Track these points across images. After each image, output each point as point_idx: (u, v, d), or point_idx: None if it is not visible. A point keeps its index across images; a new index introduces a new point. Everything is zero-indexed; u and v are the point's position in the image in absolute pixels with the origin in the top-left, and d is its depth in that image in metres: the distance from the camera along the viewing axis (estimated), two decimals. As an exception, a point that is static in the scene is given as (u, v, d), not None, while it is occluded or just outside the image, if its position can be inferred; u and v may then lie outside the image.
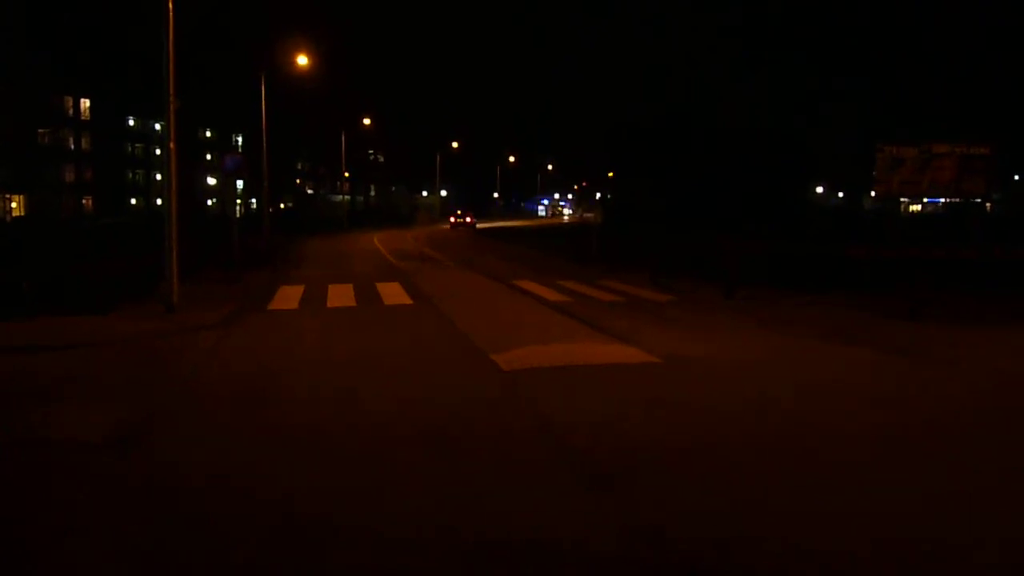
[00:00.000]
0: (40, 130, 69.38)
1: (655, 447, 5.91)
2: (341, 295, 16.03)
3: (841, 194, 77.37)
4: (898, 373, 8.77)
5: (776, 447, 5.94)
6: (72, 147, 73.73)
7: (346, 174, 73.52)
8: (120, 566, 4.01)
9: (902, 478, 5.26)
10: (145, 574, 3.95)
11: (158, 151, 78.88)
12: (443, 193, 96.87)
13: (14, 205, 66.82)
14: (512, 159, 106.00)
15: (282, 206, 78.98)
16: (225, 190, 23.31)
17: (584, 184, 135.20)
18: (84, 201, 74.41)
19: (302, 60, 35.01)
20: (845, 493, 4.98)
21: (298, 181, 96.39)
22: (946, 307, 12.86)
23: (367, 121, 67.17)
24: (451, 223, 65.97)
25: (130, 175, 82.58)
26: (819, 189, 75.28)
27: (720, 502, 4.81)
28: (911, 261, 14.19)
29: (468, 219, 65.56)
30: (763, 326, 11.84)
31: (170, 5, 12.75)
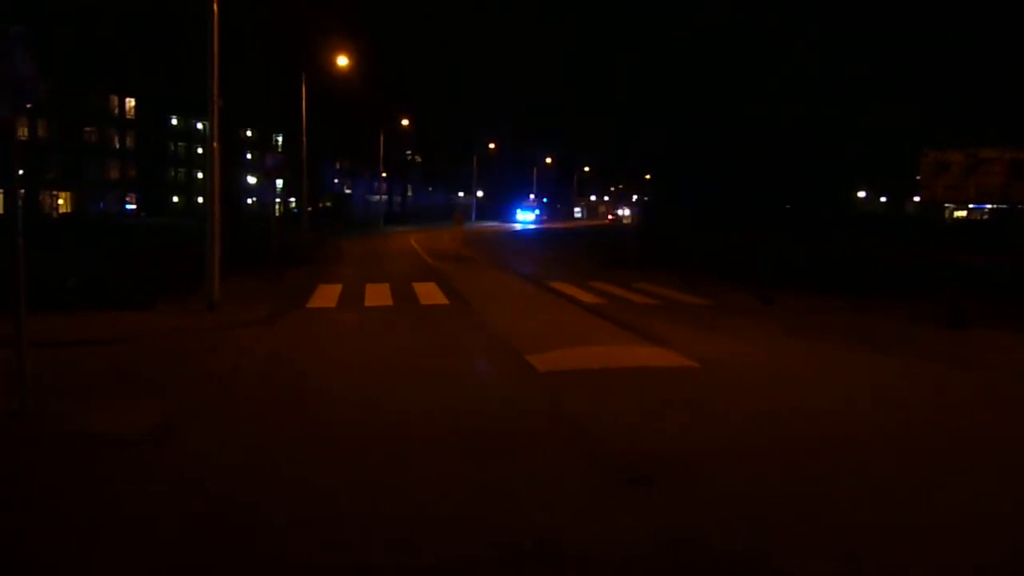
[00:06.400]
0: (86, 128, 70.81)
1: (691, 453, 5.86)
2: (378, 294, 16.14)
3: (884, 199, 76.25)
4: (943, 381, 8.60)
5: (816, 457, 5.85)
6: (117, 145, 75.18)
7: (383, 174, 74.00)
8: (151, 561, 4.07)
9: (950, 490, 5.17)
10: (174, 570, 4.00)
11: (200, 150, 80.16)
12: (479, 194, 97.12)
13: (60, 202, 68.26)
14: (549, 160, 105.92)
15: (320, 205, 79.70)
16: (265, 189, 23.65)
17: (619, 187, 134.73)
18: (127, 198, 75.78)
19: (342, 61, 35.38)
20: (884, 502, 4.90)
21: (336, 181, 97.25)
22: (987, 314, 12.59)
23: (405, 122, 67.56)
24: (608, 219, 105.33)
25: (172, 173, 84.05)
26: (861, 194, 74.23)
27: (756, 510, 4.76)
28: (950, 267, 13.94)
29: (611, 217, 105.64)
30: (802, 332, 11.70)
31: (215, 8, 12.93)
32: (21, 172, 6.95)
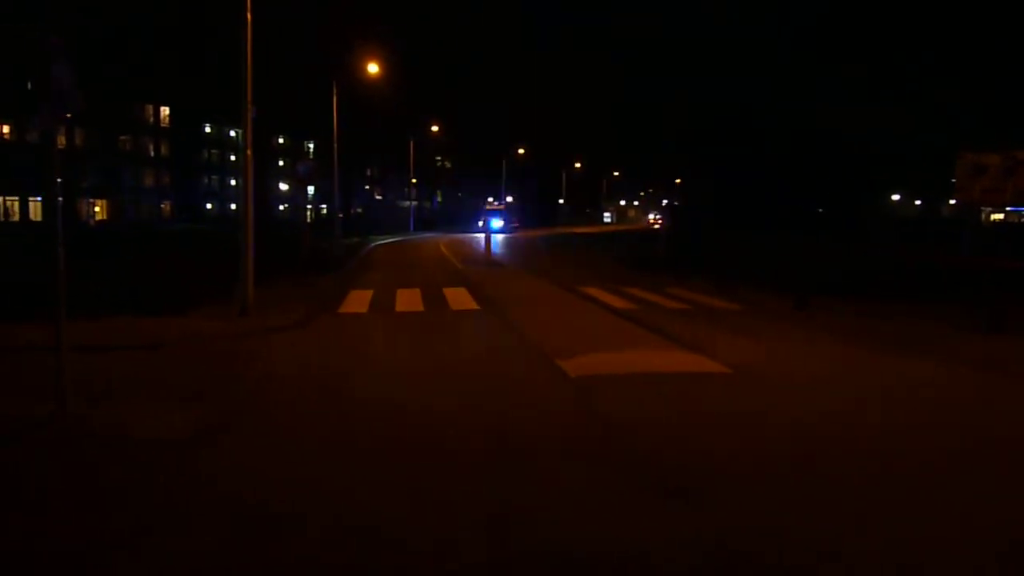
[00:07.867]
0: (122, 137, 71.99)
1: (724, 460, 5.82)
2: (409, 300, 16.21)
3: (919, 202, 75.28)
4: (982, 387, 8.47)
5: (851, 466, 5.78)
6: (152, 153, 76.35)
7: (413, 180, 74.43)
8: (187, 564, 4.12)
9: (989, 496, 5.08)
10: (212, 573, 4.05)
11: (233, 157, 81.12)
12: (508, 199, 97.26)
13: (97, 209, 69.40)
14: (578, 165, 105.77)
15: (352, 211, 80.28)
16: (297, 196, 23.92)
17: (650, 191, 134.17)
18: (162, 205, 76.94)
19: (373, 68, 35.61)
20: (917, 510, 4.83)
21: (367, 187, 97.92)
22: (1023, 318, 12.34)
23: (435, 128, 67.88)
24: (650, 222, 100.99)
25: (206, 180, 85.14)
26: (895, 197, 73.30)
27: (789, 519, 4.71)
28: (987, 272, 13.68)
29: (651, 221, 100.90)
30: (836, 338, 11.56)
31: (249, 16, 13.09)
32: (60, 180, 7.09)
